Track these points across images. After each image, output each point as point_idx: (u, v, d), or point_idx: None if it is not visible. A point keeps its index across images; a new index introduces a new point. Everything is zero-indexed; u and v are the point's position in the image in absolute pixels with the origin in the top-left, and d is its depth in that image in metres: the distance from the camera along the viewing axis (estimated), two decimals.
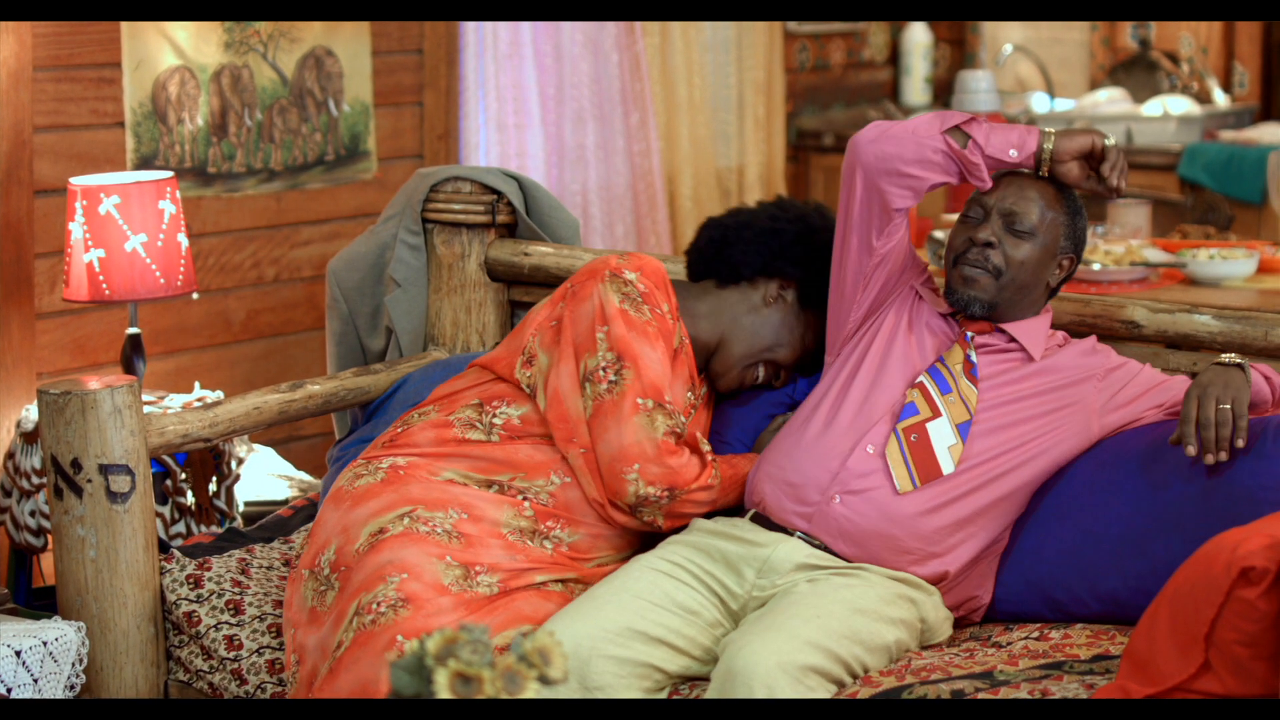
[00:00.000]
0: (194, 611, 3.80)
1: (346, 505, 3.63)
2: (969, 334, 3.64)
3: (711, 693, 3.25)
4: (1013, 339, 3.64)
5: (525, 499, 3.66)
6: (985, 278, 3.59)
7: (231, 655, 3.75)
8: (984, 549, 3.55)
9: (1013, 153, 3.60)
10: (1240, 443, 3.37)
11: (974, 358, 3.62)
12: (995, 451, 3.55)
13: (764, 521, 3.57)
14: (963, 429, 3.54)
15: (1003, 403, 3.59)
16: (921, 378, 3.59)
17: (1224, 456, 3.37)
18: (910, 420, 3.54)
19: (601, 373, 3.63)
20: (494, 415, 3.73)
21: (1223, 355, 3.49)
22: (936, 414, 3.55)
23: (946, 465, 3.51)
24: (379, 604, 3.42)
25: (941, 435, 3.53)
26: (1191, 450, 3.37)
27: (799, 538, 3.50)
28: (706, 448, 3.70)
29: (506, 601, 3.50)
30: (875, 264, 3.71)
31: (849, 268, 3.73)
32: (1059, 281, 3.69)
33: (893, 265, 3.72)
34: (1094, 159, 3.64)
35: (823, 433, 3.60)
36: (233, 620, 3.78)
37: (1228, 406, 3.37)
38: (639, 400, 3.61)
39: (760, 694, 3.14)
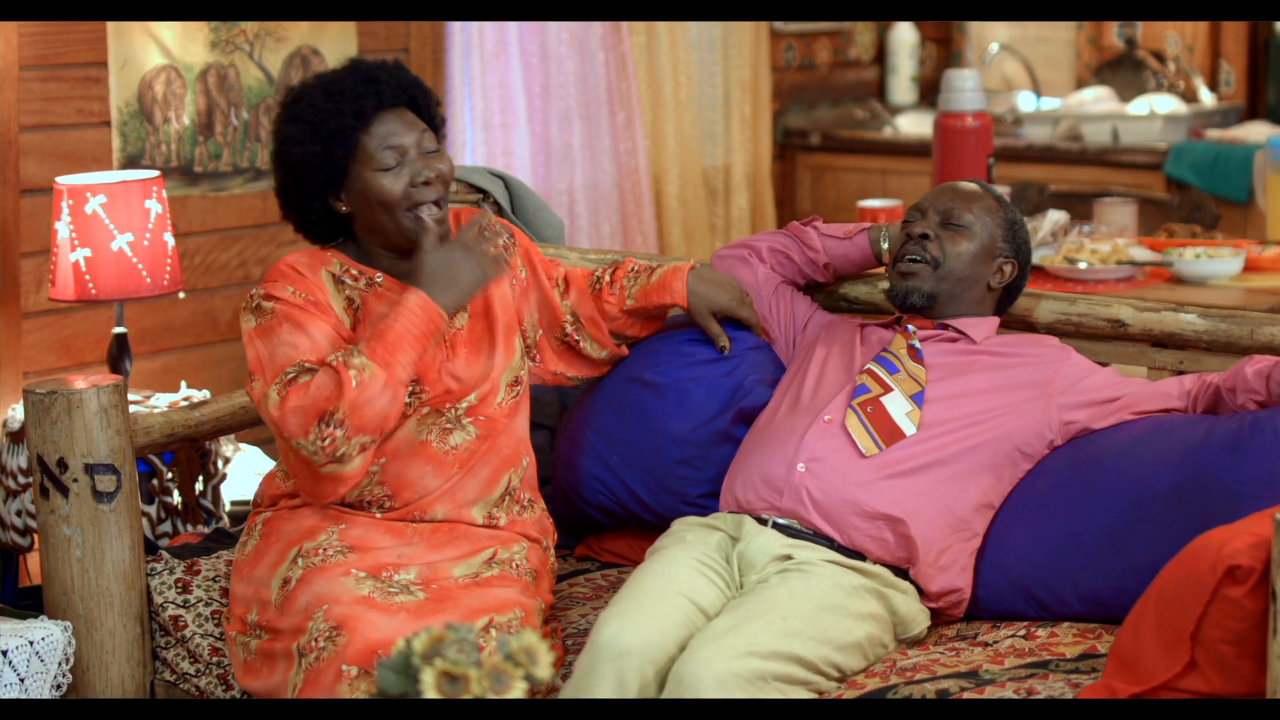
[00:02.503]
0: (180, 616, 3.80)
1: (247, 571, 3.66)
2: (910, 327, 3.76)
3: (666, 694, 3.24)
4: (956, 332, 3.75)
5: (367, 501, 3.63)
6: (923, 268, 3.75)
7: (216, 661, 3.75)
8: (954, 531, 3.56)
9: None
10: None
11: (917, 345, 3.72)
12: (954, 423, 3.61)
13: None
14: (917, 398, 3.62)
15: (953, 375, 3.68)
16: (869, 365, 3.69)
17: None
18: (864, 396, 3.63)
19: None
20: (280, 463, 3.72)
21: None
22: (888, 390, 3.64)
23: (908, 428, 3.57)
24: (316, 640, 3.40)
25: (897, 405, 3.61)
26: None
27: (774, 528, 3.52)
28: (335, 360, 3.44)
29: (451, 604, 3.47)
30: (772, 290, 4.02)
31: (762, 297, 4.02)
32: (1001, 285, 3.80)
33: (797, 295, 4.04)
34: None
35: (778, 422, 3.70)
36: (217, 632, 3.77)
37: None
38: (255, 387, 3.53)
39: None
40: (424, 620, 3.40)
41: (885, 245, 3.97)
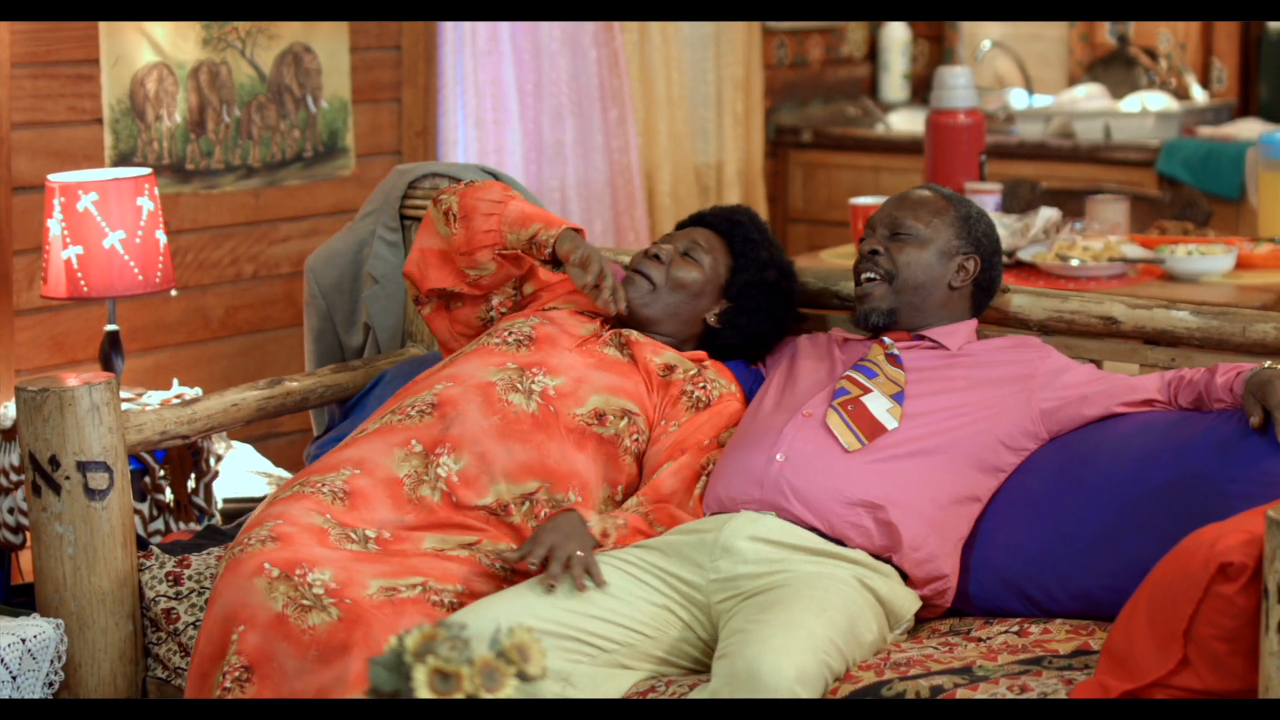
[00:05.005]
0: (173, 608, 3.80)
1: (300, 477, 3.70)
2: (886, 339, 3.77)
3: (722, 688, 3.19)
4: (932, 342, 3.76)
5: (422, 396, 3.71)
6: (878, 286, 3.77)
7: None
8: (938, 519, 3.55)
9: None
10: None
11: (895, 353, 3.74)
12: (936, 414, 3.62)
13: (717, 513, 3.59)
14: (897, 397, 3.63)
15: (932, 376, 3.70)
16: (848, 371, 3.70)
17: None
18: (844, 397, 3.63)
19: None
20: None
21: (1265, 363, 3.48)
22: (867, 391, 3.64)
23: (889, 423, 3.58)
24: (250, 540, 3.45)
25: (877, 403, 3.62)
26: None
27: (746, 514, 3.51)
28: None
29: (396, 560, 3.47)
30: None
31: None
32: (967, 283, 3.81)
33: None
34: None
35: (758, 422, 3.69)
36: None
37: None
38: None
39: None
40: (359, 562, 3.43)
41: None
